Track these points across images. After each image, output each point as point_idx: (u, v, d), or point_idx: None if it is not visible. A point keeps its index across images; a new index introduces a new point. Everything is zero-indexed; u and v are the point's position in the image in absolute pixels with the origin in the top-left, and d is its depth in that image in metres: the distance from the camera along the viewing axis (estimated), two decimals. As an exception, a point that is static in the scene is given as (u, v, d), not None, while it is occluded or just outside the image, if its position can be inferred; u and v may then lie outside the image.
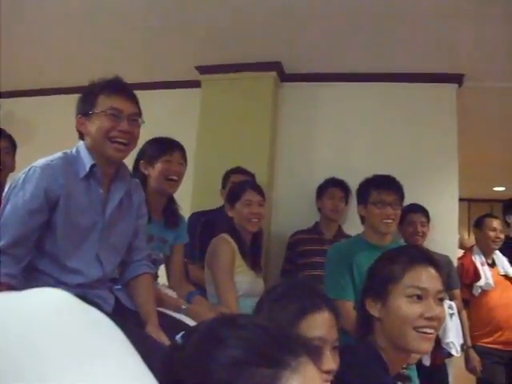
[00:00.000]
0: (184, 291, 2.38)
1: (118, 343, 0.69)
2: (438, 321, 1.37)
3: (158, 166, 2.32)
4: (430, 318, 1.34)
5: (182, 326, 1.89)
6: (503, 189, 7.73)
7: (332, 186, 3.42)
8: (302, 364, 0.68)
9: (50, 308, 0.67)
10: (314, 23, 3.23)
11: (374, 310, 1.41)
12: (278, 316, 1.18)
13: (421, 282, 1.37)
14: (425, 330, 1.35)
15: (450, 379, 3.30)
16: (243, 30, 3.38)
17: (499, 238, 3.54)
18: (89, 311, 0.71)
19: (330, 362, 1.19)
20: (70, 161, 1.74)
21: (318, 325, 1.20)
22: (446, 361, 3.16)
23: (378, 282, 1.42)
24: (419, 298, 1.36)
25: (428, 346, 1.37)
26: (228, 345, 0.70)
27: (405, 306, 1.36)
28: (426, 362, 2.81)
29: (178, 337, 0.79)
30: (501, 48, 3.36)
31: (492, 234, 3.53)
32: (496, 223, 3.58)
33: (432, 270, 1.40)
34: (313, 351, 0.74)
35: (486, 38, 3.23)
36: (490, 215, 3.74)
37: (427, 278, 1.38)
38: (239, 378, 0.66)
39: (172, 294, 2.35)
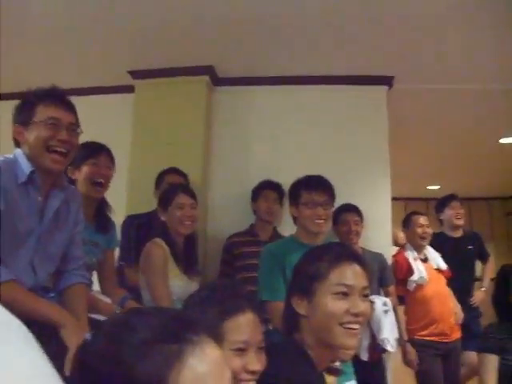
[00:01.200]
0: (117, 296, 2.37)
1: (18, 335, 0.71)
2: (364, 316, 1.39)
3: (85, 168, 2.32)
4: (355, 314, 1.35)
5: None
6: (438, 187, 8.01)
7: (267, 189, 3.43)
8: (203, 340, 0.76)
9: None
10: (245, 27, 3.24)
11: (300, 307, 1.41)
12: (201, 318, 1.17)
13: (346, 279, 1.37)
14: (350, 325, 1.36)
15: (388, 373, 3.38)
16: (175, 35, 3.35)
17: (426, 232, 3.65)
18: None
19: (255, 362, 1.19)
20: (10, 165, 1.71)
21: (242, 327, 1.20)
22: (384, 356, 3.23)
23: (304, 280, 1.42)
24: (345, 294, 1.37)
25: (354, 341, 1.38)
26: (136, 329, 0.76)
27: (331, 303, 1.36)
28: (364, 357, 2.87)
29: (88, 335, 0.82)
30: (429, 50, 3.47)
31: (419, 230, 3.65)
32: (422, 220, 3.70)
33: (357, 267, 1.41)
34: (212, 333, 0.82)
35: (414, 40, 3.33)
36: (416, 213, 3.85)
37: (352, 274, 1.39)
38: (148, 355, 0.72)
39: (106, 299, 2.34)
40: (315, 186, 2.37)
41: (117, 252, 2.82)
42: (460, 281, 3.76)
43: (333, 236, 3.24)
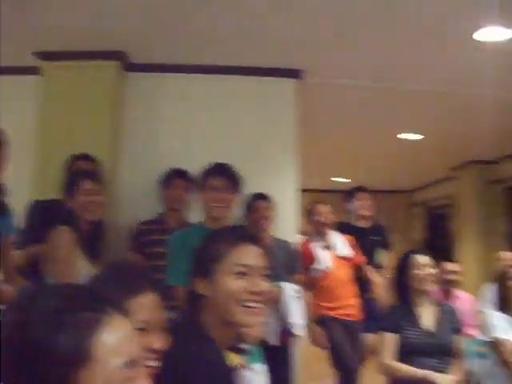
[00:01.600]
0: (17, 284, 2.30)
1: None
2: (264, 295, 1.42)
3: None
4: (254, 293, 1.39)
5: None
6: (346, 180, 8.33)
7: (175, 177, 3.43)
8: (115, 312, 0.79)
9: None
10: (160, 13, 3.21)
11: (201, 288, 1.43)
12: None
13: (245, 260, 1.41)
14: (249, 304, 1.39)
15: (297, 355, 3.47)
16: (89, 18, 3.25)
17: (326, 218, 3.83)
18: None
19: (157, 341, 1.20)
20: None
21: (142, 307, 1.20)
22: (293, 339, 3.30)
23: (205, 262, 1.44)
24: (244, 274, 1.40)
25: (254, 319, 1.41)
26: (43, 299, 0.76)
27: (230, 282, 1.39)
28: (272, 341, 2.95)
29: None
30: (340, 45, 3.57)
31: (319, 217, 3.82)
32: (322, 207, 3.89)
33: (255, 248, 1.45)
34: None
35: (326, 34, 3.41)
36: (316, 202, 4.03)
37: (251, 255, 1.43)
38: (61, 324, 0.72)
39: (7, 288, 2.24)
40: (215, 171, 2.46)
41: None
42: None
43: (242, 223, 3.29)
